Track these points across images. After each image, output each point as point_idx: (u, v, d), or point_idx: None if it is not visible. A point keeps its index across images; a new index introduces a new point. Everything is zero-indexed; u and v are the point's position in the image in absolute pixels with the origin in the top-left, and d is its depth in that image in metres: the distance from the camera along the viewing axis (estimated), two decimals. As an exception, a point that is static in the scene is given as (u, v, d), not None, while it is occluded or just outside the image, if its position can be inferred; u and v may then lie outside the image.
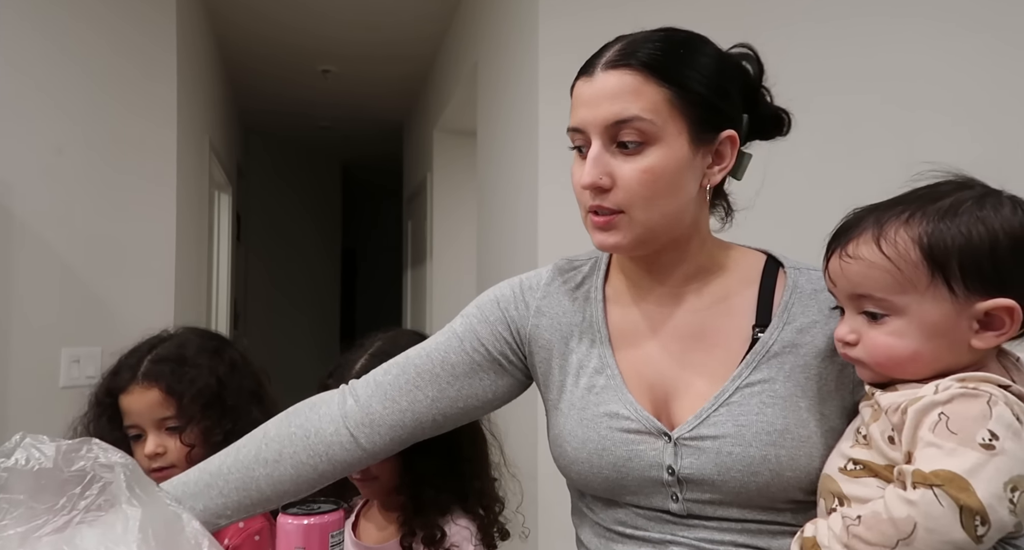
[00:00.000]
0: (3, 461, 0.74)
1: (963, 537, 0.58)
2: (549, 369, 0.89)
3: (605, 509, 0.84)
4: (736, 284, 0.85)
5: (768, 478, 0.75)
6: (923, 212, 0.67)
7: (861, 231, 0.70)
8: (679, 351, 0.83)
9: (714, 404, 0.78)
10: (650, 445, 0.79)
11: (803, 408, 0.76)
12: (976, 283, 0.65)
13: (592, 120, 0.78)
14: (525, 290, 0.92)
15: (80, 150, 2.26)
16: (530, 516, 2.01)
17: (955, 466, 0.59)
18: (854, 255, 0.69)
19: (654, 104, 0.76)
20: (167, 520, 0.76)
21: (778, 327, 0.80)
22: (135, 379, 1.10)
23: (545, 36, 2.03)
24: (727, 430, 0.76)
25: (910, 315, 0.68)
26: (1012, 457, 0.59)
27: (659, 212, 0.78)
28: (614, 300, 0.89)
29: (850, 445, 0.71)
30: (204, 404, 1.10)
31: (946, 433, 0.61)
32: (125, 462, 0.77)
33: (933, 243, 0.66)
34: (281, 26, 3.46)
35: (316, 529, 0.80)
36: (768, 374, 0.78)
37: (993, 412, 0.61)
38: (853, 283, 0.70)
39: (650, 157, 0.77)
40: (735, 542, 0.77)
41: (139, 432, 1.10)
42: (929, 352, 0.67)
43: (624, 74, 0.77)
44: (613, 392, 0.82)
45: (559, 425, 0.85)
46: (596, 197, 0.79)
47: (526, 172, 2.15)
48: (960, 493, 0.58)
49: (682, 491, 0.78)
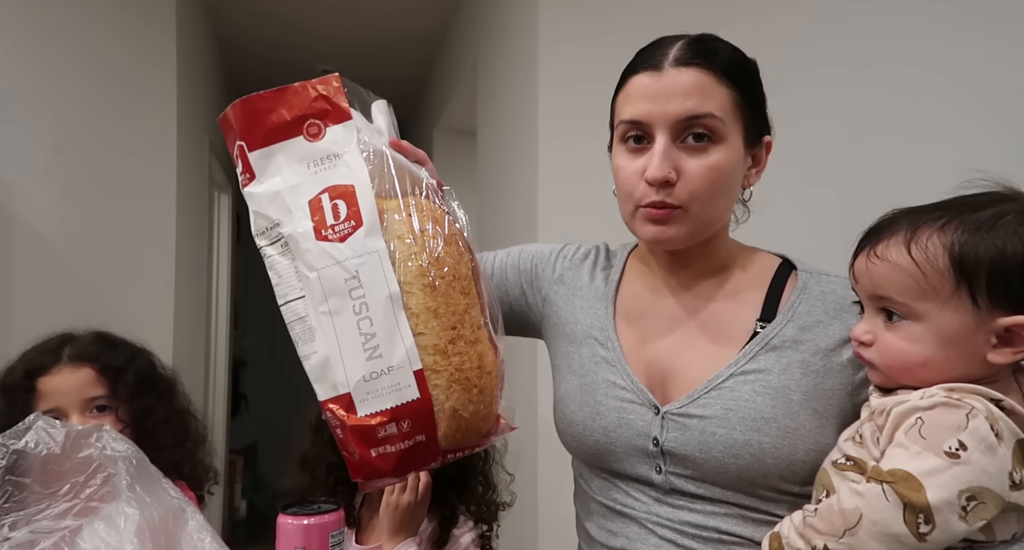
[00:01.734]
0: (14, 442, 0.75)
1: (904, 531, 0.60)
2: (558, 334, 0.94)
3: (598, 484, 0.88)
4: (747, 281, 0.88)
5: (748, 462, 0.77)
6: (960, 220, 0.66)
7: (894, 232, 0.69)
8: (682, 336, 0.86)
9: (707, 387, 0.81)
10: (640, 415, 0.83)
11: (795, 401, 0.78)
12: (1001, 298, 0.64)
13: (661, 114, 0.79)
14: (558, 256, 0.99)
15: (80, 150, 2.26)
16: (530, 515, 2.01)
17: (913, 467, 0.61)
18: (882, 256, 0.69)
19: (723, 104, 0.79)
20: (170, 514, 0.76)
21: (781, 323, 0.82)
22: (60, 360, 1.07)
23: (545, 36, 2.03)
24: (714, 412, 0.79)
25: (928, 322, 0.67)
26: (977, 469, 0.60)
27: (715, 209, 0.82)
28: (629, 284, 0.93)
29: (847, 441, 0.73)
30: (136, 384, 1.08)
31: (916, 437, 0.63)
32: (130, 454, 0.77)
33: (964, 253, 0.65)
34: (280, 26, 3.46)
35: (316, 529, 0.80)
36: (764, 365, 0.80)
37: (969, 424, 0.61)
38: (876, 283, 0.70)
39: (716, 155, 0.79)
40: (719, 528, 0.79)
41: (58, 416, 1.04)
42: (941, 361, 0.67)
43: (697, 72, 0.79)
44: (613, 364, 0.87)
45: (562, 388, 0.91)
46: (659, 191, 0.80)
47: (526, 172, 2.15)
48: (910, 492, 0.60)
49: (665, 463, 0.81)
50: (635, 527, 0.83)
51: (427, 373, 0.70)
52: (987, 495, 0.60)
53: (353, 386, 0.69)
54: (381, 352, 0.69)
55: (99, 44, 2.31)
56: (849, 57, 1.62)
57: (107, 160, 2.31)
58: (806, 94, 1.58)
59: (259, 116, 0.75)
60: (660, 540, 0.81)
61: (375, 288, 0.70)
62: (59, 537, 0.72)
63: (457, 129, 3.69)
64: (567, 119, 1.94)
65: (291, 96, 0.75)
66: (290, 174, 0.74)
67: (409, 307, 0.70)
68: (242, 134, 0.75)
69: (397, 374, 0.69)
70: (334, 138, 0.74)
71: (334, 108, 0.75)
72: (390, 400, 0.69)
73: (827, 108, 1.61)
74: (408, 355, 0.69)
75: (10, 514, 0.72)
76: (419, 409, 0.70)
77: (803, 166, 1.54)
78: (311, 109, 0.75)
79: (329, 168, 0.73)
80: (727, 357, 0.82)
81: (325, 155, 0.74)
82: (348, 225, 0.71)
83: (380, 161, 0.75)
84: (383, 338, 0.69)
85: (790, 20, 1.71)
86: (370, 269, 0.70)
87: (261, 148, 0.75)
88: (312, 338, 0.71)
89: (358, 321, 0.70)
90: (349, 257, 0.70)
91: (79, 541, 0.71)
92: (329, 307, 0.70)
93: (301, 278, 0.72)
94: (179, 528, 0.77)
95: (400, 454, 0.70)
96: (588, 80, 0.94)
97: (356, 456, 0.70)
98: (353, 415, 0.70)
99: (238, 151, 0.76)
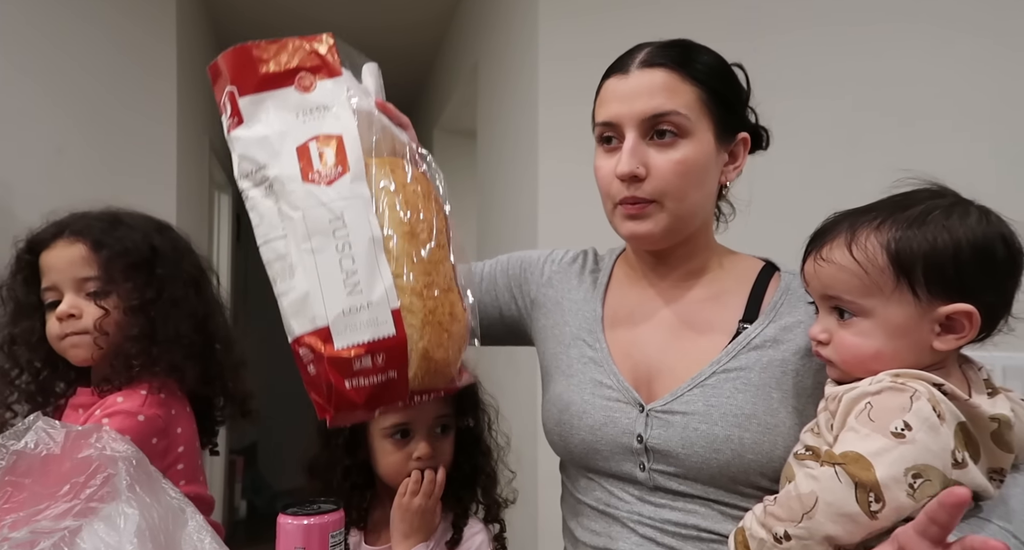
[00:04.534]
0: (14, 443, 0.75)
1: (856, 510, 0.63)
2: (547, 336, 0.97)
3: (583, 486, 0.90)
4: (731, 283, 0.90)
5: (729, 457, 0.79)
6: (893, 219, 0.71)
7: (835, 235, 0.74)
8: (667, 336, 0.89)
9: (690, 385, 0.83)
10: (625, 413, 0.85)
11: (775, 399, 0.81)
12: (939, 288, 0.68)
13: (628, 113, 0.83)
14: (547, 261, 1.02)
15: (80, 150, 2.26)
16: (530, 515, 2.01)
17: (863, 448, 0.64)
18: (827, 258, 0.73)
19: (688, 101, 0.82)
20: (169, 514, 0.76)
21: (763, 323, 0.85)
22: (60, 234, 1.01)
23: (545, 36, 2.03)
24: (696, 408, 0.81)
25: (876, 317, 0.71)
26: (922, 447, 0.63)
27: (689, 203, 0.84)
28: (616, 287, 0.96)
29: (806, 432, 0.76)
30: (129, 264, 0.99)
31: (866, 420, 0.66)
32: (130, 454, 0.77)
33: (900, 249, 0.69)
34: (281, 27, 3.46)
35: (316, 529, 0.80)
36: (745, 363, 0.83)
37: (913, 405, 0.65)
38: (824, 285, 0.74)
39: (683, 149, 0.82)
40: (698, 526, 0.81)
41: (57, 297, 0.99)
42: (891, 352, 0.71)
43: (660, 72, 0.83)
44: (600, 364, 0.89)
45: (550, 389, 0.93)
46: (630, 187, 0.83)
47: (526, 172, 2.15)
48: (860, 472, 0.63)
49: (649, 460, 0.83)
50: (617, 526, 0.84)
51: (403, 312, 0.73)
52: (931, 473, 0.63)
53: (332, 319, 0.71)
54: (362, 288, 0.72)
55: (99, 45, 2.31)
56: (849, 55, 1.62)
57: (107, 160, 2.31)
58: (806, 95, 1.58)
59: (252, 64, 0.77)
60: (641, 538, 0.82)
61: (358, 230, 0.73)
62: (59, 537, 0.71)
63: (457, 129, 3.69)
64: (567, 119, 1.94)
65: (286, 48, 0.78)
66: (278, 121, 0.76)
67: (389, 250, 0.73)
68: (234, 79, 0.78)
69: (375, 309, 0.71)
70: (324, 91, 0.77)
71: (326, 64, 0.78)
72: (367, 333, 0.71)
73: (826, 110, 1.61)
74: (387, 293, 0.72)
75: (10, 514, 0.72)
76: (394, 345, 0.72)
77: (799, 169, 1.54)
78: (304, 63, 0.78)
79: (318, 118, 0.76)
80: (710, 356, 0.84)
81: (315, 106, 0.77)
82: (335, 170, 0.74)
83: (367, 119, 0.78)
84: (364, 275, 0.72)
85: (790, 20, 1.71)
86: (355, 212, 0.73)
87: (252, 94, 0.77)
88: (292, 274, 0.73)
89: (340, 259, 0.72)
90: (334, 199, 0.73)
91: (79, 541, 0.71)
92: (312, 245, 0.72)
93: (284, 218, 0.74)
94: (179, 528, 0.76)
95: (372, 388, 0.72)
96: (588, 81, 0.95)
97: (331, 388, 0.72)
98: (331, 347, 0.71)
99: (227, 96, 0.78)
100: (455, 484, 1.00)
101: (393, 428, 0.97)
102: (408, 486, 0.95)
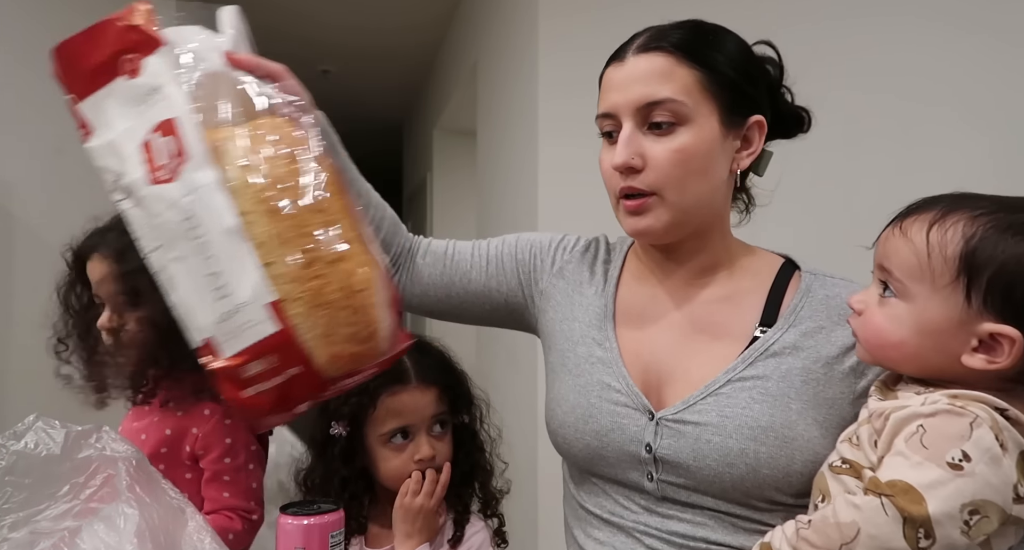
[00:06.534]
0: (13, 443, 0.74)
1: (903, 546, 0.58)
2: (554, 331, 0.91)
3: (587, 490, 0.86)
4: (749, 282, 0.85)
5: (743, 472, 0.74)
6: (995, 216, 0.63)
7: (928, 211, 0.67)
8: (680, 339, 0.84)
9: (703, 393, 0.78)
10: (633, 420, 0.80)
11: (793, 410, 0.75)
12: (996, 304, 0.62)
13: (623, 103, 0.78)
14: (558, 248, 0.96)
15: (80, 150, 2.24)
16: (530, 515, 2.01)
17: (914, 479, 0.59)
18: (904, 230, 0.67)
19: (685, 86, 0.77)
20: (169, 514, 0.76)
21: (782, 328, 0.80)
22: (96, 248, 1.05)
23: (545, 35, 2.03)
24: (710, 419, 0.76)
25: (915, 304, 0.66)
26: (981, 482, 0.58)
27: (691, 194, 0.79)
28: (628, 281, 0.90)
29: (843, 443, 0.71)
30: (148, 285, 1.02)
31: (918, 446, 0.60)
32: (130, 455, 0.77)
33: (980, 247, 0.62)
34: (281, 27, 3.46)
35: (316, 529, 0.80)
36: (763, 371, 0.78)
37: (973, 433, 0.59)
38: (885, 254, 0.69)
39: (682, 137, 0.77)
40: (707, 538, 0.77)
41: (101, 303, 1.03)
42: (914, 346, 0.66)
43: (656, 57, 0.78)
44: (609, 365, 0.84)
45: (555, 388, 0.88)
46: (627, 178, 0.79)
47: (526, 172, 2.15)
48: (910, 505, 0.58)
49: (657, 471, 0.78)
50: (623, 536, 0.81)
51: (284, 303, 0.65)
52: (990, 508, 0.58)
53: (212, 330, 0.66)
54: (231, 290, 0.65)
55: (99, 44, 2.31)
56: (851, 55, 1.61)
57: (107, 160, 2.31)
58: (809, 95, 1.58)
59: (77, 62, 0.70)
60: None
61: (213, 224, 0.65)
62: (59, 538, 0.71)
63: (457, 129, 3.69)
64: (567, 119, 1.94)
65: (100, 33, 0.71)
66: (120, 119, 0.70)
67: (254, 237, 0.65)
68: (69, 87, 0.71)
69: (250, 310, 0.65)
70: (151, 70, 0.69)
71: (146, 37, 0.70)
72: (248, 338, 0.65)
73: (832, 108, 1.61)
74: (257, 289, 0.65)
75: (10, 514, 0.72)
76: (281, 342, 0.65)
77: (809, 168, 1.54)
78: (123, 43, 0.70)
79: (152, 104, 0.69)
80: (725, 362, 0.80)
81: (147, 91, 0.69)
82: (176, 161, 0.66)
83: (213, 84, 0.69)
84: (230, 275, 0.65)
85: (790, 21, 1.70)
86: (203, 204, 0.65)
87: (89, 97, 0.71)
88: (173, 288, 0.68)
89: (204, 261, 0.66)
90: (181, 196, 0.66)
91: (79, 542, 0.71)
92: (177, 253, 0.67)
93: (152, 229, 0.68)
94: (179, 528, 0.76)
95: (277, 390, 0.67)
96: (588, 80, 0.94)
97: (234, 401, 0.67)
98: (219, 359, 0.66)
99: (70, 107, 0.71)
100: (455, 481, 1.00)
101: (391, 432, 0.97)
102: (409, 486, 0.95)
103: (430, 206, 3.91)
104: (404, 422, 0.97)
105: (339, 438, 0.98)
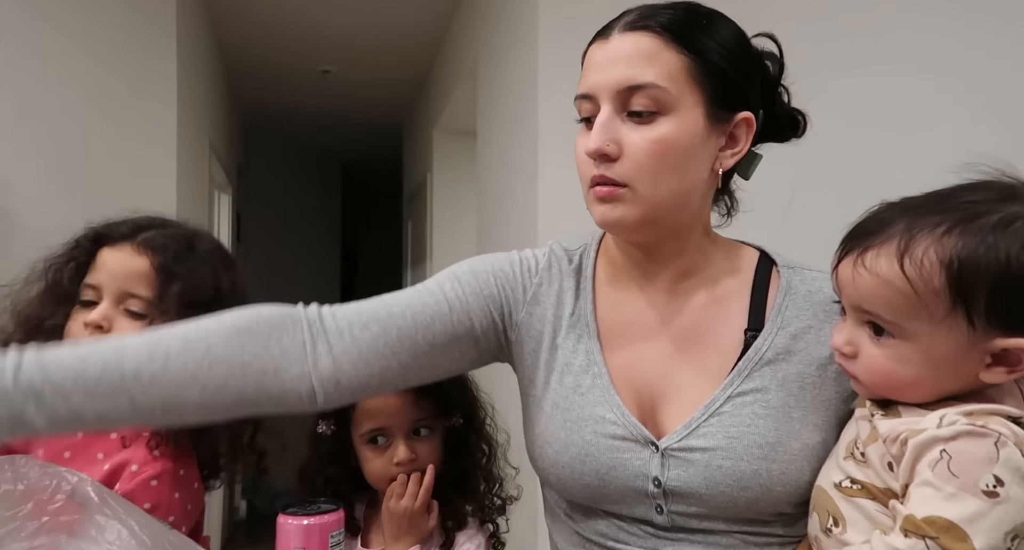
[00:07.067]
0: None
1: None
2: (535, 362, 0.83)
3: (585, 519, 0.80)
4: (731, 283, 0.81)
5: (758, 493, 0.71)
6: (963, 229, 0.60)
7: (886, 239, 0.62)
8: (670, 353, 0.79)
9: (704, 413, 0.74)
10: (636, 454, 0.75)
11: (796, 419, 0.73)
12: (1000, 319, 0.59)
13: (603, 84, 0.73)
14: (523, 272, 0.85)
15: (80, 150, 2.26)
16: (530, 515, 2.01)
17: (953, 514, 0.55)
18: (871, 268, 0.62)
19: (671, 71, 0.72)
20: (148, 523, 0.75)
21: (772, 332, 0.77)
22: (131, 238, 0.93)
23: (545, 35, 2.03)
24: (718, 442, 0.72)
25: (918, 343, 0.62)
26: (1018, 504, 0.55)
27: (666, 189, 0.73)
28: (605, 294, 0.84)
29: (845, 458, 0.68)
30: (187, 301, 0.89)
31: (947, 475, 0.57)
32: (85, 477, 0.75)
33: (964, 270, 0.59)
34: (281, 27, 3.46)
35: (316, 529, 0.80)
36: (761, 383, 0.75)
37: (1000, 455, 0.56)
38: (862, 297, 0.64)
39: (662, 127, 0.72)
40: None
41: (94, 298, 0.91)
42: (931, 380, 0.63)
43: (642, 37, 0.72)
44: (600, 393, 0.78)
45: (541, 425, 0.81)
46: (600, 166, 0.73)
47: (526, 172, 2.15)
48: (956, 544, 0.55)
49: (667, 503, 0.74)
50: None
51: None
52: None
53: None
54: None
55: (100, 45, 2.31)
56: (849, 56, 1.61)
57: (107, 160, 2.31)
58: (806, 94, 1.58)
59: None
60: None
61: None
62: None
63: (457, 129, 3.68)
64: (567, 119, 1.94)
65: None
66: None
67: None
68: None
69: None
70: None
71: None
72: None
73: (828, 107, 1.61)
74: None
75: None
76: None
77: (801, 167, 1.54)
78: None
79: None
80: (720, 375, 0.76)
81: None
82: None
83: None
84: None
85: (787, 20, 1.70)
86: None
87: None
88: None
89: None
90: None
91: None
92: None
93: None
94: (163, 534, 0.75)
95: None
96: (588, 80, 0.93)
97: None
98: None
99: None
100: (443, 485, 1.00)
101: (370, 433, 0.98)
102: (394, 489, 0.95)
103: (430, 206, 3.91)
104: (379, 424, 0.97)
105: (326, 436, 1.00)
